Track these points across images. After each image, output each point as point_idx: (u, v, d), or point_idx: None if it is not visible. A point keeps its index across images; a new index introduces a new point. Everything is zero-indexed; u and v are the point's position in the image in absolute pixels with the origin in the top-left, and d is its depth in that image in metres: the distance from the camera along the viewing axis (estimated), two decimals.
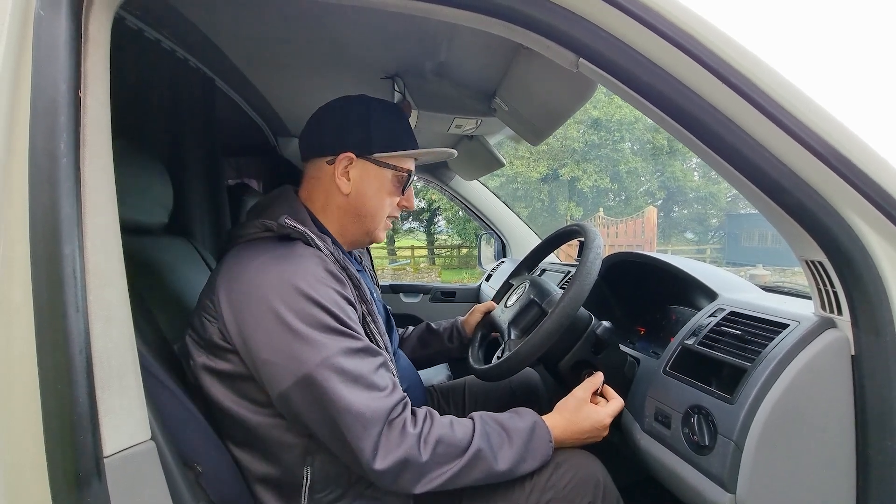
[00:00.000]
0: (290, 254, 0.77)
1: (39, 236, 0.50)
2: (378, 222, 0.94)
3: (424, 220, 19.45)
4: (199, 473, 0.70)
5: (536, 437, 0.81)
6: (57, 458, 0.50)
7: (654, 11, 0.61)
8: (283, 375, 0.70)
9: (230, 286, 0.75)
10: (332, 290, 0.75)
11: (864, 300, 0.66)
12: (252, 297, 0.72)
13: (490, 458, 0.76)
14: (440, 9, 0.65)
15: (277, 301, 0.71)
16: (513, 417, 0.84)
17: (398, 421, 0.72)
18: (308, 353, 0.69)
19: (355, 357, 0.72)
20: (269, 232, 0.80)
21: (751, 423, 0.72)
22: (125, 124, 0.66)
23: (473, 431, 0.77)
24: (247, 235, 0.82)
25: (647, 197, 18.97)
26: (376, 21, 1.02)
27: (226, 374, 0.76)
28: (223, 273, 0.78)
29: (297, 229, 0.79)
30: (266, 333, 0.71)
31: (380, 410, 0.71)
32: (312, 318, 0.71)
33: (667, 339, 1.12)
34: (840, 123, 0.63)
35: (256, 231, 0.81)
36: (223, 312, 0.74)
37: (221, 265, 0.80)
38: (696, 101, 0.64)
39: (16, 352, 0.50)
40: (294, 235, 0.79)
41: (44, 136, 0.51)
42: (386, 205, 0.93)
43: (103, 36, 0.57)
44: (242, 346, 0.73)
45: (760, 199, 0.68)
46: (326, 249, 0.81)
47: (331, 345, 0.70)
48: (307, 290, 0.72)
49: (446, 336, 1.30)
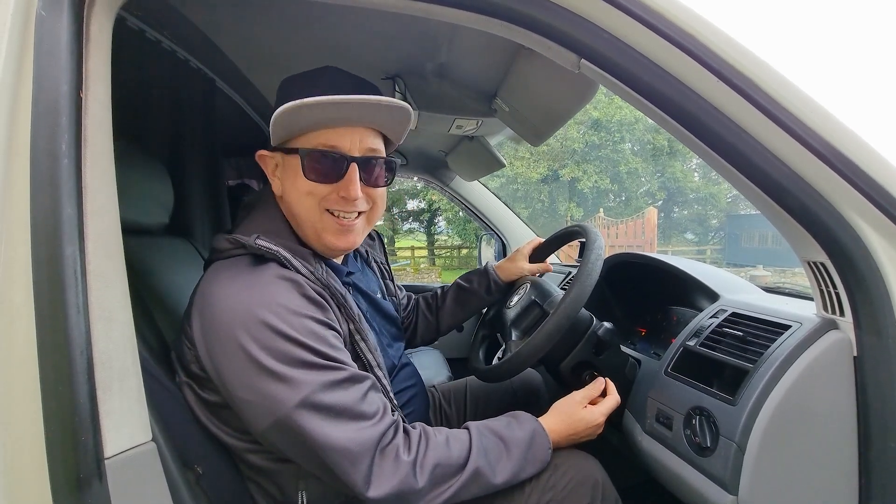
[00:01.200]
0: (261, 280, 0.70)
1: (41, 238, 0.50)
2: (310, 223, 0.79)
3: (425, 221, 19.46)
4: (200, 475, 0.69)
5: (535, 445, 0.80)
6: (58, 459, 0.50)
7: (655, 12, 0.61)
8: (261, 415, 0.66)
9: (202, 314, 0.70)
10: (307, 319, 0.69)
11: (867, 301, 0.66)
12: (220, 331, 0.67)
13: (488, 473, 0.74)
14: (440, 9, 0.65)
15: (246, 338, 0.65)
16: (511, 426, 0.81)
17: (390, 448, 0.69)
18: (284, 394, 0.64)
19: (338, 389, 0.67)
20: (243, 249, 0.74)
21: (753, 425, 0.72)
22: (126, 124, 0.65)
23: (470, 448, 0.74)
24: (224, 252, 0.76)
25: (647, 198, 18.98)
26: (377, 22, 1.02)
27: (207, 402, 0.73)
28: (198, 296, 0.72)
29: (271, 250, 0.72)
30: (239, 372, 0.66)
31: (368, 442, 0.67)
32: (285, 354, 0.65)
33: (668, 340, 1.12)
34: (842, 124, 0.63)
35: (231, 248, 0.75)
36: (196, 342, 0.69)
37: (199, 285, 0.75)
38: (698, 102, 0.64)
39: (17, 353, 0.49)
40: (268, 256, 0.73)
41: (45, 136, 0.51)
42: (307, 199, 0.76)
43: (105, 36, 0.57)
44: (217, 379, 0.68)
45: (762, 200, 0.68)
46: (306, 268, 0.75)
47: (309, 381, 0.65)
48: (277, 325, 0.66)
49: (483, 290, 1.22)
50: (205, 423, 0.74)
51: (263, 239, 0.73)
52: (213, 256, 0.78)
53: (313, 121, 0.73)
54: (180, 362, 0.74)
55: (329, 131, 0.74)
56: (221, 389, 0.69)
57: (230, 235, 0.76)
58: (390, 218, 21.82)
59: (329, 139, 0.75)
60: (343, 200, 0.77)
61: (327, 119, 0.74)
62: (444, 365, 1.94)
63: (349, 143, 0.75)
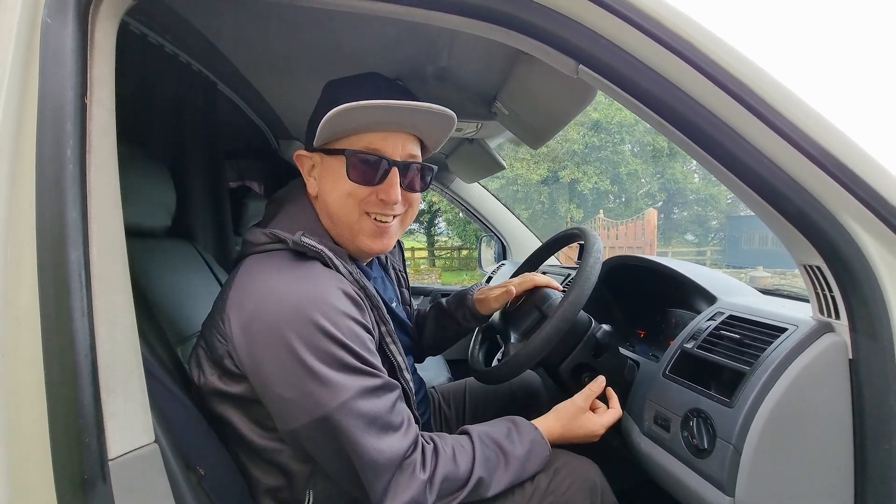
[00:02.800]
0: (308, 277, 0.71)
1: (46, 242, 0.51)
2: (347, 224, 0.79)
3: (425, 222, 19.45)
4: (202, 476, 0.70)
5: (533, 456, 0.82)
6: (63, 460, 0.50)
7: (653, 19, 0.62)
8: (297, 414, 0.67)
9: (241, 307, 0.69)
10: (351, 320, 0.70)
11: (862, 305, 0.67)
12: (265, 327, 0.67)
13: (486, 483, 0.76)
14: (441, 16, 0.65)
15: (293, 335, 0.65)
16: (511, 436, 0.82)
17: (408, 464, 0.70)
18: (326, 396, 0.65)
19: (373, 397, 0.69)
20: (282, 244, 0.74)
21: (749, 427, 0.72)
22: (128, 128, 0.66)
23: (474, 459, 0.76)
24: (260, 246, 0.76)
25: (647, 199, 18.98)
26: (377, 26, 1.03)
27: (236, 397, 0.73)
28: (234, 290, 0.72)
29: (314, 248, 0.73)
30: (281, 368, 0.66)
31: (394, 456, 0.68)
32: (331, 356, 0.66)
33: (666, 342, 1.13)
34: (838, 130, 0.63)
35: (268, 242, 0.75)
36: (234, 336, 0.69)
37: (233, 279, 0.74)
38: (695, 108, 0.64)
39: (22, 356, 0.50)
40: (310, 254, 0.73)
41: (51, 142, 0.51)
42: (347, 200, 0.77)
43: (109, 43, 0.58)
44: (254, 374, 0.69)
45: (759, 204, 0.68)
46: (345, 269, 0.75)
47: (350, 386, 0.66)
48: (326, 325, 0.66)
49: (460, 316, 1.15)
50: (228, 419, 0.73)
51: (308, 236, 0.74)
52: (248, 250, 0.77)
53: (363, 122, 0.74)
54: (207, 358, 0.73)
55: (373, 135, 0.76)
56: (256, 383, 0.69)
57: (267, 229, 0.76)
58: None
59: (373, 143, 0.76)
60: (382, 203, 0.78)
61: (375, 123, 0.75)
62: (443, 366, 1.95)
63: (392, 147, 0.77)
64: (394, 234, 0.83)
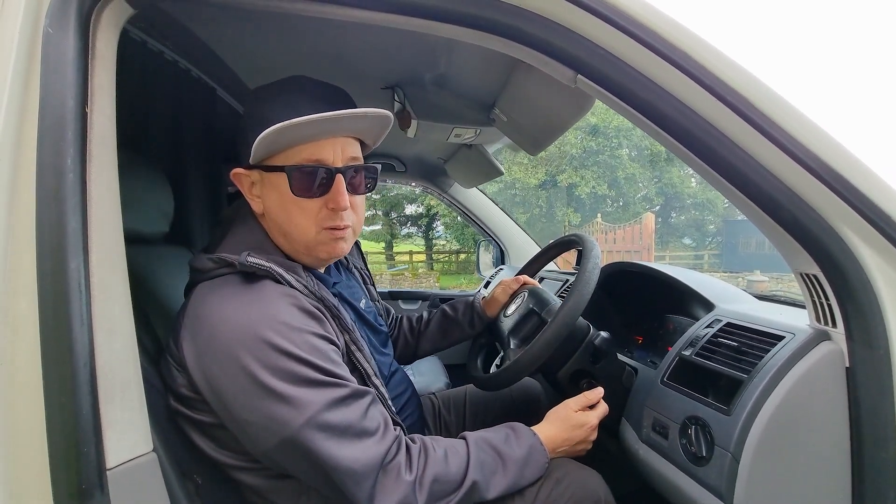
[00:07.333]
0: (258, 299, 0.69)
1: (46, 250, 0.51)
2: (303, 242, 0.77)
3: (423, 226, 19.47)
4: (199, 485, 0.70)
5: (532, 461, 0.81)
6: (60, 469, 0.50)
7: (649, 29, 0.62)
8: (264, 436, 0.65)
9: (195, 336, 0.68)
10: (308, 334, 0.68)
11: (858, 313, 0.67)
12: (220, 354, 0.65)
13: (482, 487, 0.75)
14: (439, 25, 0.66)
15: (249, 358, 0.64)
16: (509, 440, 0.82)
17: (392, 466, 0.70)
18: (289, 414, 0.64)
19: (342, 407, 0.67)
20: (231, 268, 0.72)
21: (747, 435, 0.73)
22: (127, 134, 0.66)
23: (468, 462, 0.75)
24: (208, 272, 0.74)
25: (644, 203, 19.05)
26: (376, 34, 1.03)
27: (201, 423, 0.71)
28: (187, 319, 0.70)
29: (263, 266, 0.71)
30: (241, 393, 0.64)
31: (372, 461, 0.67)
32: (290, 373, 0.65)
33: (664, 348, 1.13)
34: (834, 140, 0.64)
35: (216, 267, 0.73)
36: (189, 366, 0.67)
37: (184, 308, 0.72)
38: (692, 118, 0.65)
39: (21, 364, 0.50)
40: (260, 273, 0.71)
41: (51, 151, 0.52)
42: (298, 216, 0.75)
43: (110, 52, 0.58)
44: (216, 402, 0.67)
45: (755, 212, 0.69)
46: (299, 283, 0.74)
47: (314, 400, 0.65)
48: (279, 342, 0.65)
49: (466, 322, 1.22)
50: (199, 445, 0.72)
51: (254, 255, 0.72)
52: (196, 278, 0.75)
53: (297, 137, 0.71)
54: (167, 383, 0.72)
55: (311, 145, 0.73)
56: (220, 411, 0.67)
57: (213, 255, 0.74)
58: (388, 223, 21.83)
59: (312, 153, 0.73)
60: (332, 212, 0.76)
61: (310, 136, 0.72)
62: (441, 371, 1.95)
63: (332, 154, 0.74)
64: (349, 238, 0.81)
